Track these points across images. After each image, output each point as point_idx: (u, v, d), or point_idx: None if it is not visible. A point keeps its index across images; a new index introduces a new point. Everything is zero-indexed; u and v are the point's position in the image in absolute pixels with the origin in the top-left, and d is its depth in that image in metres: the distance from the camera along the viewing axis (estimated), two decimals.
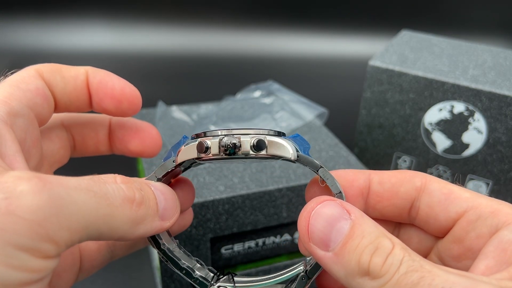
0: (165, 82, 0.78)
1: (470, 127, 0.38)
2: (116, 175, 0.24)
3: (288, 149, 0.18)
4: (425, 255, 0.21)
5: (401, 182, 0.20)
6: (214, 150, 0.18)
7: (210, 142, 0.18)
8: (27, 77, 0.20)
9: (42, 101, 0.20)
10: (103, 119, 0.24)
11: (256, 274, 0.35)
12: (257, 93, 0.47)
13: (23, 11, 0.86)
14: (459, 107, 0.38)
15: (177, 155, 0.19)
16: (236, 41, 0.90)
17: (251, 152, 0.18)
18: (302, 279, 0.20)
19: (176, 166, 0.20)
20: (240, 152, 0.18)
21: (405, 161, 0.43)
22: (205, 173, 0.33)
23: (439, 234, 0.20)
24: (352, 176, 0.20)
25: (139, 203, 0.18)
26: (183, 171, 0.22)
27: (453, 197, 0.19)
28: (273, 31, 0.91)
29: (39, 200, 0.14)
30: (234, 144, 0.18)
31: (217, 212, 0.31)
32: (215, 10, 0.90)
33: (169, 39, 0.88)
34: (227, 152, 0.18)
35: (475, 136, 0.38)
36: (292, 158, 0.18)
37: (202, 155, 0.18)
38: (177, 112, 0.41)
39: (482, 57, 0.43)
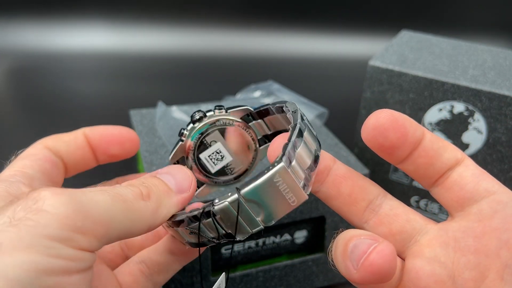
0: (165, 82, 0.78)
1: (470, 127, 0.39)
2: (117, 178, 0.28)
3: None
4: None
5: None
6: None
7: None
8: (35, 150, 0.24)
9: (51, 166, 0.24)
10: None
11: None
12: (257, 93, 0.47)
13: (23, 11, 0.86)
14: (459, 107, 0.38)
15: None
16: (236, 41, 0.90)
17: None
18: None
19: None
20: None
21: None
22: None
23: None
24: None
25: (147, 195, 0.20)
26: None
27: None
28: (273, 31, 0.91)
29: (61, 198, 0.17)
30: None
31: None
32: (215, 10, 0.90)
33: (169, 39, 0.88)
34: None
35: (475, 136, 0.38)
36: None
37: None
38: (177, 112, 0.41)
39: (482, 57, 0.43)
